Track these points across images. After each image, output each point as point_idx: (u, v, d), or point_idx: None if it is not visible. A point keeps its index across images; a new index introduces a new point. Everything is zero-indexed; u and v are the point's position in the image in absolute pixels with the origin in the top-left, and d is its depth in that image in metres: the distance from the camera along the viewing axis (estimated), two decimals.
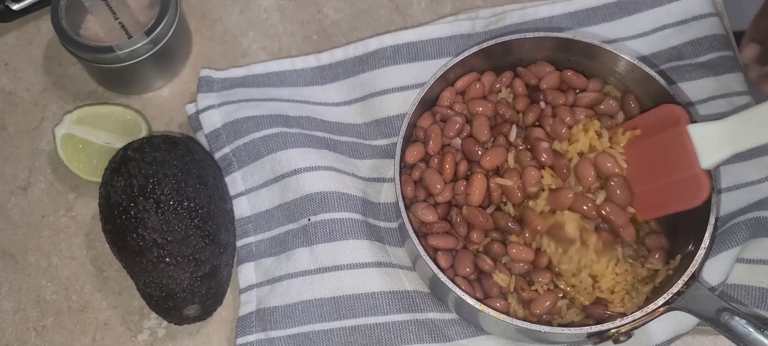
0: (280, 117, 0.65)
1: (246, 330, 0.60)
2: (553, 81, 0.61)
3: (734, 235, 0.58)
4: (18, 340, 0.61)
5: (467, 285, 0.55)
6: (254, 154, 0.64)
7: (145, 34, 0.64)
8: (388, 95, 0.66)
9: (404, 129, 0.58)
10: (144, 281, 0.57)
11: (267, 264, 0.62)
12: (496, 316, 0.52)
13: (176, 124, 0.69)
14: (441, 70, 0.60)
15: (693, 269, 0.52)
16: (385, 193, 0.64)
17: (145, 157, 0.58)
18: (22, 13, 0.72)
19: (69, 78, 0.71)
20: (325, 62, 0.69)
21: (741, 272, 0.58)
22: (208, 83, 0.68)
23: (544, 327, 0.52)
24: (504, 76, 0.62)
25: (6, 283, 0.63)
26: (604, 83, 0.62)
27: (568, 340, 0.56)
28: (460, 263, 0.56)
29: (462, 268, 0.55)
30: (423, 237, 0.56)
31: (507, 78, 0.62)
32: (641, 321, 0.52)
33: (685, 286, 0.52)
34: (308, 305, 0.59)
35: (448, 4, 0.73)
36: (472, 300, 0.52)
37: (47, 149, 0.68)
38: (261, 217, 0.64)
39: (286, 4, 0.74)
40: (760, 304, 0.57)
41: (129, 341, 0.61)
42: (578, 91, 0.61)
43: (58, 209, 0.66)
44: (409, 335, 0.59)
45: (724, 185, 0.62)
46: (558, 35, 0.60)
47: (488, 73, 0.62)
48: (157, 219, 0.56)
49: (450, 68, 0.60)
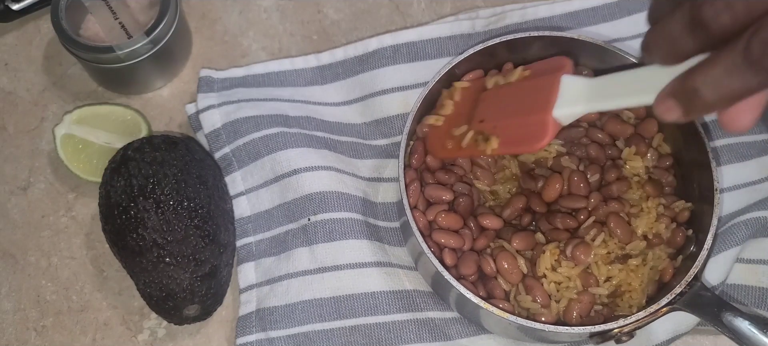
0: (280, 117, 0.65)
1: (246, 330, 0.60)
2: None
3: (734, 235, 0.58)
4: (18, 340, 0.61)
5: (470, 285, 0.55)
6: (254, 154, 0.64)
7: (145, 34, 0.64)
8: (388, 95, 0.66)
9: (408, 127, 0.58)
10: (144, 281, 0.57)
11: (267, 264, 0.62)
12: (500, 314, 0.52)
13: (176, 124, 0.69)
14: (444, 68, 0.60)
15: (696, 269, 0.52)
16: (383, 192, 0.64)
17: (145, 157, 0.58)
18: (22, 13, 0.72)
19: (69, 78, 0.71)
20: (325, 62, 0.69)
21: (741, 272, 0.58)
22: (208, 83, 0.68)
23: (548, 326, 0.52)
24: None
25: (6, 283, 0.63)
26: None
27: (569, 339, 0.56)
28: (465, 264, 0.55)
29: (466, 268, 0.55)
30: (428, 237, 0.56)
31: None
32: (644, 321, 0.52)
33: (687, 286, 0.52)
34: (308, 305, 0.60)
35: (448, 4, 0.73)
36: (476, 299, 0.52)
37: (47, 149, 0.68)
38: (261, 217, 0.64)
39: (286, 4, 0.74)
40: (760, 304, 0.57)
41: (129, 341, 0.61)
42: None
43: (58, 209, 0.66)
44: (409, 335, 0.59)
45: (724, 185, 0.62)
46: (569, 35, 0.60)
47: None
48: (157, 219, 0.56)
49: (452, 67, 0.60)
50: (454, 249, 0.56)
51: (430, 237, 0.56)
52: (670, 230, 0.56)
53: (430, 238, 0.56)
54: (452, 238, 0.55)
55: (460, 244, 0.56)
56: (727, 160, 0.63)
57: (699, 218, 0.55)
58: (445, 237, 0.55)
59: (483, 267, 0.55)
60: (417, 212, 0.57)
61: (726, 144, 0.63)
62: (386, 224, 0.63)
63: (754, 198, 0.61)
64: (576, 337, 0.54)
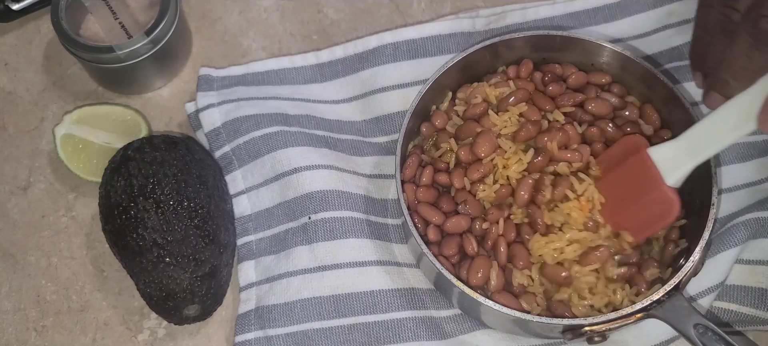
0: (279, 116, 0.65)
1: (245, 328, 0.60)
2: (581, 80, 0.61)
3: (734, 235, 0.58)
4: (18, 340, 0.61)
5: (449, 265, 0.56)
6: (254, 153, 0.64)
7: (145, 34, 0.64)
8: (388, 92, 0.66)
9: (405, 128, 0.58)
10: (144, 281, 0.57)
11: (267, 262, 0.62)
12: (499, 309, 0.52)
13: (176, 124, 0.69)
14: (445, 66, 0.60)
15: (677, 279, 0.52)
16: (391, 189, 0.64)
17: (145, 158, 0.58)
18: (22, 13, 0.72)
19: (69, 78, 0.71)
20: (325, 60, 0.69)
21: (741, 272, 0.58)
22: (208, 82, 0.68)
23: (521, 314, 0.52)
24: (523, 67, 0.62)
25: (6, 283, 0.63)
26: (627, 91, 0.62)
27: (551, 333, 0.56)
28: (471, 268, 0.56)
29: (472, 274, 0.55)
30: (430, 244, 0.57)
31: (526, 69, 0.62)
32: (616, 323, 0.52)
33: (666, 295, 0.52)
34: (307, 303, 0.59)
35: (448, 3, 0.73)
36: (478, 297, 0.53)
37: (47, 149, 0.68)
38: (261, 215, 0.64)
39: (286, 4, 0.74)
40: (760, 304, 0.57)
41: (129, 341, 0.61)
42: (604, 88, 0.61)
43: (58, 209, 0.66)
44: (407, 333, 0.59)
45: (724, 185, 0.62)
46: (572, 35, 0.60)
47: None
48: (157, 219, 0.56)
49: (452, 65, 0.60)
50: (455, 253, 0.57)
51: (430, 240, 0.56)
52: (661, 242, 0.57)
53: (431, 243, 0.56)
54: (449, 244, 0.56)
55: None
56: (728, 160, 0.63)
57: (697, 232, 0.54)
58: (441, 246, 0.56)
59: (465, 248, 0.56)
60: (419, 208, 0.57)
61: None
62: (394, 222, 0.63)
63: (754, 198, 0.61)
64: (548, 329, 0.54)
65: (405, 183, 0.58)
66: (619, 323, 0.52)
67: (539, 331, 0.56)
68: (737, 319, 0.58)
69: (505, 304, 0.53)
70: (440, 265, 0.53)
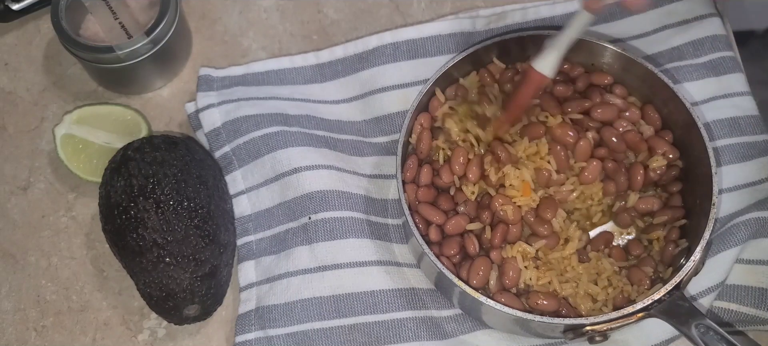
0: (279, 116, 0.65)
1: (245, 328, 0.60)
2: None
3: (734, 235, 0.58)
4: (18, 340, 0.61)
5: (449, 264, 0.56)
6: (254, 153, 0.64)
7: (145, 34, 0.64)
8: (388, 92, 0.66)
9: (406, 127, 0.58)
10: (144, 281, 0.57)
11: (267, 262, 0.62)
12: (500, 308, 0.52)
13: (176, 124, 0.69)
14: (445, 66, 0.60)
15: (678, 279, 0.52)
16: (393, 190, 0.64)
17: (145, 158, 0.58)
18: (22, 13, 0.72)
19: (69, 78, 0.71)
20: (325, 60, 0.69)
21: (741, 272, 0.58)
22: (208, 82, 0.68)
23: (523, 313, 0.52)
24: None
25: (6, 283, 0.63)
26: (628, 92, 0.62)
27: (552, 333, 0.56)
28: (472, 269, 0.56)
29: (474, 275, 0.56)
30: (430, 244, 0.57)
31: None
32: (617, 322, 0.52)
33: (667, 295, 0.52)
34: (307, 304, 0.59)
35: (448, 4, 0.73)
36: (479, 296, 0.53)
37: (47, 149, 0.68)
38: (261, 215, 0.64)
39: (286, 4, 0.74)
40: (760, 303, 0.57)
41: (129, 341, 0.61)
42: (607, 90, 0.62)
43: (58, 209, 0.66)
44: (407, 333, 0.59)
45: (724, 185, 0.62)
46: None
47: None
48: (157, 219, 0.56)
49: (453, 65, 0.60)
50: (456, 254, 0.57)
51: (431, 240, 0.56)
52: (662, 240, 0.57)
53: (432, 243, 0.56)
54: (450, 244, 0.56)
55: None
56: (728, 160, 0.63)
57: (698, 232, 0.55)
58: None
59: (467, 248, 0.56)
60: (420, 208, 0.57)
61: (727, 144, 0.63)
62: (395, 222, 0.63)
63: (754, 198, 0.61)
64: (549, 329, 0.54)
65: (406, 183, 0.58)
66: (621, 323, 0.52)
67: (540, 331, 0.56)
68: (737, 319, 0.58)
69: (507, 303, 0.53)
70: (442, 265, 0.54)
